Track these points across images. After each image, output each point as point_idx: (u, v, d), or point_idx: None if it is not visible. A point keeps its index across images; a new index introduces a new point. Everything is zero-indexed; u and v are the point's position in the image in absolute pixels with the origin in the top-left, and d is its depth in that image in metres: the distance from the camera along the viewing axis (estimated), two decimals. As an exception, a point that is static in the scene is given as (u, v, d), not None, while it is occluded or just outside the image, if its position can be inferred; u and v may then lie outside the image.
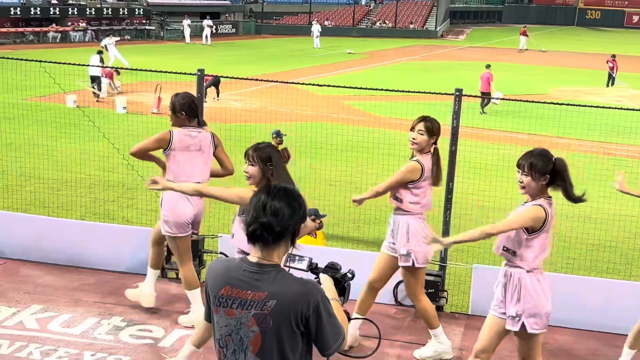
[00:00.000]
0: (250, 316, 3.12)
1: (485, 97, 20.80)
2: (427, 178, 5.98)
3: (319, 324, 3.14)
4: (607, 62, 31.16)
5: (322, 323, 3.14)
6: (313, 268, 3.38)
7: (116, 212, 10.57)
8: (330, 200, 10.86)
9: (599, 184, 10.73)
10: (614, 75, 30.65)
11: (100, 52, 22.78)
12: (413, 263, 6.04)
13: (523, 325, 4.91)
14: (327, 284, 3.37)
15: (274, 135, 10.15)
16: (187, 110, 6.33)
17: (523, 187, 4.89)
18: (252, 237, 3.16)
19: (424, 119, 5.97)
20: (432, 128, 5.92)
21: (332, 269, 3.42)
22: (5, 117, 14.64)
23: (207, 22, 49.05)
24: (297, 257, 3.31)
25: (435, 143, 6.00)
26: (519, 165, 4.90)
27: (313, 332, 3.15)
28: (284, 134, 10.22)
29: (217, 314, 3.22)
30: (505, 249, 4.98)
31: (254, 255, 3.18)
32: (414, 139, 5.92)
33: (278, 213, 3.11)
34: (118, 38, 32.43)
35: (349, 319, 3.35)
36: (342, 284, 3.40)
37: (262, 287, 3.12)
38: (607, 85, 30.57)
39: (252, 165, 4.95)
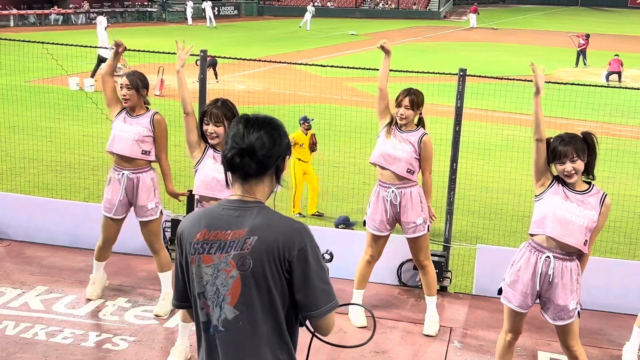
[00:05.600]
0: (229, 259, 2.70)
1: (614, 73, 24.23)
2: None
3: (306, 272, 2.70)
4: (577, 37, 30.58)
5: (310, 272, 2.70)
6: None
7: (120, 194, 10.55)
8: (334, 182, 10.87)
9: (602, 165, 10.69)
10: (579, 51, 30.17)
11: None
12: (428, 228, 6.25)
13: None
14: None
15: (301, 122, 10.08)
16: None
17: (574, 175, 4.69)
18: (232, 166, 2.77)
19: (408, 92, 6.10)
20: (417, 101, 6.10)
21: None
22: (8, 99, 14.63)
23: (206, 3, 48.76)
24: None
25: (421, 113, 6.21)
26: (564, 154, 4.66)
27: (297, 281, 2.70)
28: (311, 118, 10.17)
29: (192, 264, 2.79)
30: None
31: (235, 193, 2.82)
32: (402, 114, 6.06)
33: (258, 139, 2.76)
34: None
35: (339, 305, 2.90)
36: None
37: (243, 223, 2.72)
38: (578, 64, 29.96)
39: (218, 125, 5.09)
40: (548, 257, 4.77)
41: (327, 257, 2.98)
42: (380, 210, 6.21)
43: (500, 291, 5.01)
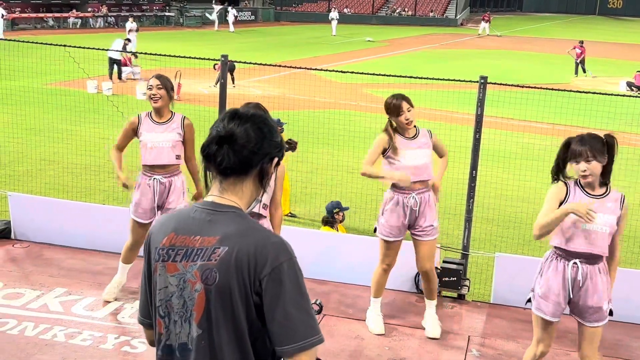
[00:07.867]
0: (195, 269, 2.31)
1: (636, 87, 25.32)
2: None
3: (278, 295, 2.24)
4: (573, 49, 29.81)
5: (284, 297, 2.24)
6: None
7: (137, 197, 10.59)
8: (349, 187, 10.86)
9: (621, 175, 10.61)
10: (577, 61, 29.63)
11: (127, 40, 23.20)
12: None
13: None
14: None
15: None
16: None
17: (589, 175, 4.60)
18: (207, 155, 2.38)
19: (399, 96, 5.96)
20: (410, 100, 6.01)
21: None
22: (27, 101, 14.73)
23: (231, 10, 49.19)
24: None
25: None
26: (579, 153, 4.58)
27: (268, 306, 2.25)
28: (284, 122, 10.24)
29: (155, 273, 2.43)
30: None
31: (211, 193, 2.43)
32: (408, 118, 5.95)
33: (243, 131, 2.36)
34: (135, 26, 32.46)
35: None
36: None
37: (214, 229, 2.33)
38: (576, 74, 29.36)
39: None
40: (575, 263, 4.75)
41: (317, 308, 2.67)
42: (398, 216, 6.15)
43: (528, 301, 4.97)
